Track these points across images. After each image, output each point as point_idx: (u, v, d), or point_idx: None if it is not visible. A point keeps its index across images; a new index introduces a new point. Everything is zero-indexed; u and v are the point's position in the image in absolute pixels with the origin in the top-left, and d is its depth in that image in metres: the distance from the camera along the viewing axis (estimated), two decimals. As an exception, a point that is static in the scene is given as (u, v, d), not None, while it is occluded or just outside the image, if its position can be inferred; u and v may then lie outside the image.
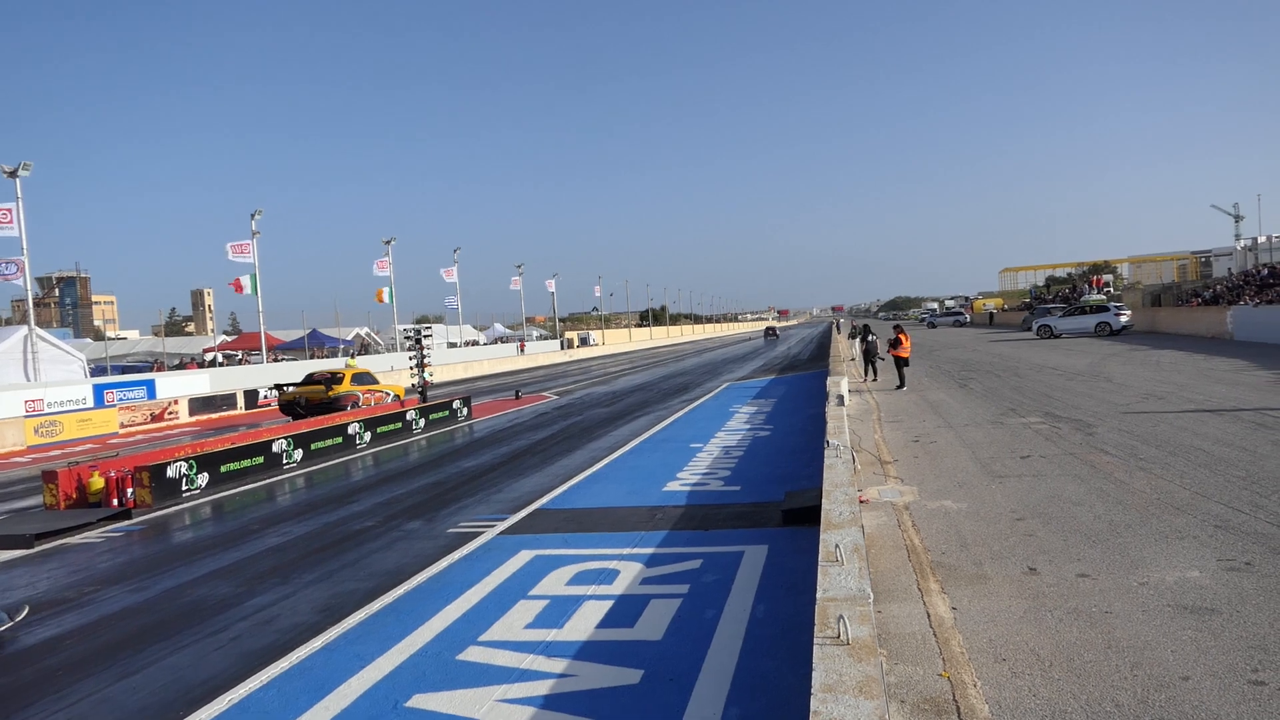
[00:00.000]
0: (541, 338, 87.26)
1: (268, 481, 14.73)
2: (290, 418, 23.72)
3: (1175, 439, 11.68)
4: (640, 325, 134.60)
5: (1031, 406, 16.07)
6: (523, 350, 66.63)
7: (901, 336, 21.82)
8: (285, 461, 15.88)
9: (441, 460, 15.93)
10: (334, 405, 23.36)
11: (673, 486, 11.67)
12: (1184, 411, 14.10)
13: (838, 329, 72.32)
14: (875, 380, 23.63)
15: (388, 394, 24.60)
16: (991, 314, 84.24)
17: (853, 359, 33.50)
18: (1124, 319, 41.09)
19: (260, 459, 15.37)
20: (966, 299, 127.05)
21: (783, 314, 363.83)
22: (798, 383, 28.31)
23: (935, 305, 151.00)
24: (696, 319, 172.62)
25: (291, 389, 24.50)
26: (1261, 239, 52.67)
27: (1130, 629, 5.57)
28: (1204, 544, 7.11)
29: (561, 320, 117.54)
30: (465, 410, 22.62)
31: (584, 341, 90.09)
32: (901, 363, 21.51)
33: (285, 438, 16.17)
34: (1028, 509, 8.58)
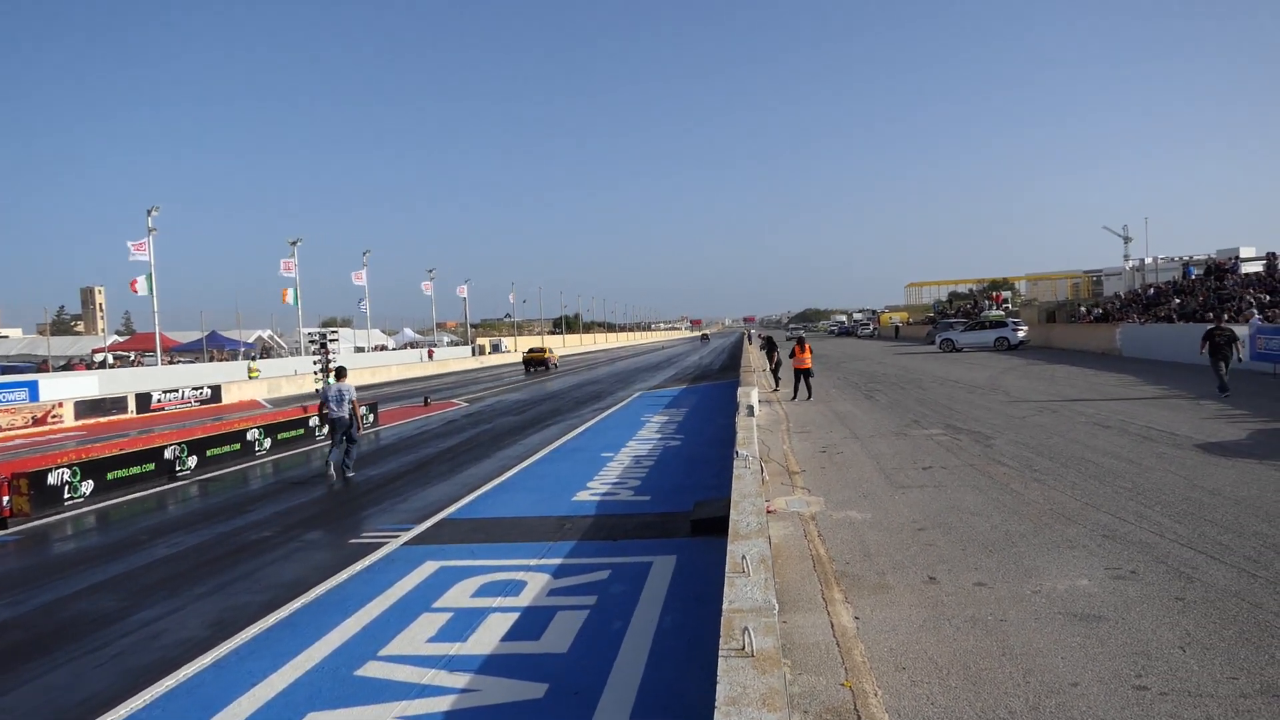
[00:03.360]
0: (453, 343, 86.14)
1: (159, 490, 14.11)
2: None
3: (1067, 451, 12.15)
4: (553, 332, 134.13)
5: (934, 418, 16.54)
6: (431, 356, 65.61)
7: (798, 349, 22.33)
8: (179, 469, 15.24)
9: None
10: None
11: (582, 496, 11.61)
12: (1076, 424, 14.68)
13: (749, 340, 73.49)
14: (781, 390, 24.11)
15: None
16: (898, 327, 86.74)
17: (764, 369, 34.09)
18: (1021, 334, 42.76)
19: (151, 466, 14.71)
20: (874, 312, 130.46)
21: (695, 324, 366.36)
22: (709, 393, 28.56)
23: (844, 318, 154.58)
24: (610, 327, 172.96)
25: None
26: (1148, 260, 55.45)
27: (1024, 636, 5.75)
28: (1093, 553, 7.40)
29: (474, 326, 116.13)
30: (372, 417, 22.12)
31: (496, 348, 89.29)
32: (805, 374, 21.92)
33: (179, 444, 15.53)
34: (929, 519, 8.82)
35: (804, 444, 14.29)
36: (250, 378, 41.14)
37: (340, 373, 15.02)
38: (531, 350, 56.09)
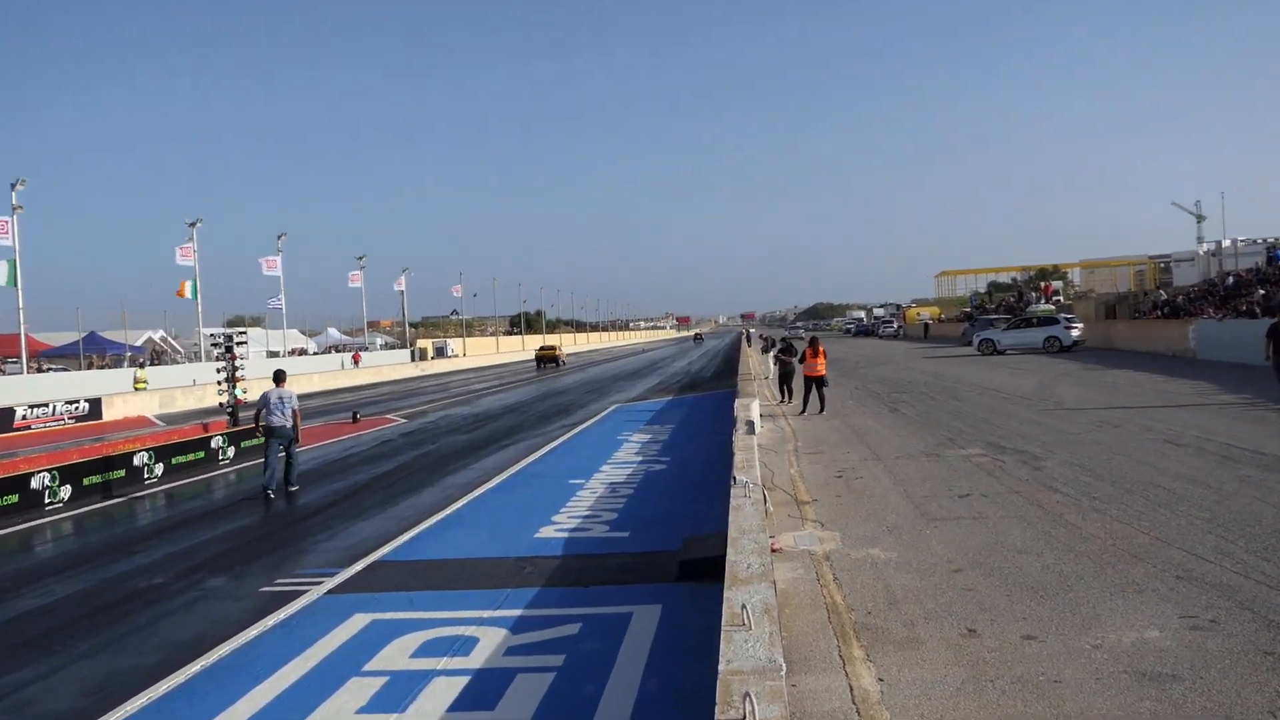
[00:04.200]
0: (388, 346, 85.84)
1: (24, 527, 13.96)
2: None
3: (1133, 474, 12.23)
4: (510, 332, 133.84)
5: (972, 435, 16.64)
6: (358, 362, 65.30)
7: (809, 353, 22.36)
8: (49, 501, 15.09)
9: (256, 499, 15.42)
10: None
11: (547, 532, 11.60)
12: (1143, 441, 14.79)
13: (748, 341, 73.68)
14: (790, 403, 24.19)
15: None
16: (926, 325, 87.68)
17: (766, 378, 34.17)
18: (1075, 333, 43.13)
19: (14, 498, 14.56)
20: (898, 307, 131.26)
21: (683, 321, 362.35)
22: (700, 405, 28.72)
23: (861, 314, 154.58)
24: (579, 326, 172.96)
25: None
26: (1226, 242, 56.05)
27: (1082, 700, 5.76)
28: (1164, 598, 7.43)
29: (413, 326, 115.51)
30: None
31: (440, 352, 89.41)
32: (819, 383, 22.05)
33: (49, 470, 15.37)
34: (967, 558, 8.84)
35: (816, 467, 14.33)
36: (137, 389, 40.82)
37: (279, 376, 16.09)
38: (543, 348, 74.23)
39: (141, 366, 45.78)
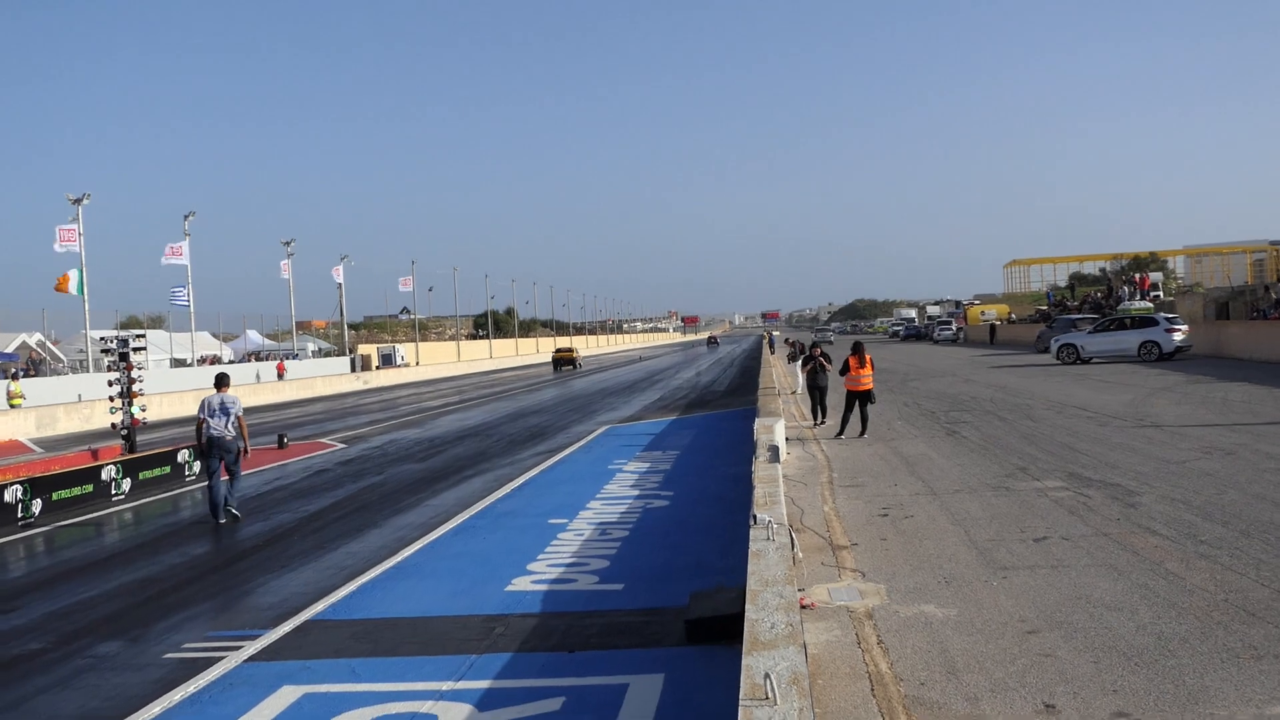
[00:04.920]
0: (322, 353, 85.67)
1: None
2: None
3: (1249, 512, 12.17)
4: (476, 336, 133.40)
5: (1049, 464, 16.60)
6: (282, 374, 65.00)
7: (853, 362, 22.16)
8: (-100, 546, 15.03)
9: (159, 543, 15.40)
10: None
11: (522, 584, 11.56)
12: (1261, 472, 14.72)
13: (770, 346, 73.47)
14: (824, 423, 24.19)
15: None
16: (993, 327, 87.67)
17: (794, 392, 34.14)
18: (1178, 337, 43.04)
19: None
20: (957, 305, 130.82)
21: (689, 322, 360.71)
22: (711, 426, 28.81)
23: (912, 313, 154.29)
24: (560, 328, 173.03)
25: None
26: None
27: (1187, 793, 5.73)
28: (1289, 666, 7.39)
29: (354, 328, 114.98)
30: (198, 465, 21.96)
31: (388, 360, 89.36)
32: (862, 399, 22.00)
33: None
34: (1044, 617, 8.80)
35: (856, 504, 14.31)
36: (11, 406, 40.76)
37: (221, 380, 16.94)
38: (560, 350, 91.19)
39: (14, 378, 45.69)
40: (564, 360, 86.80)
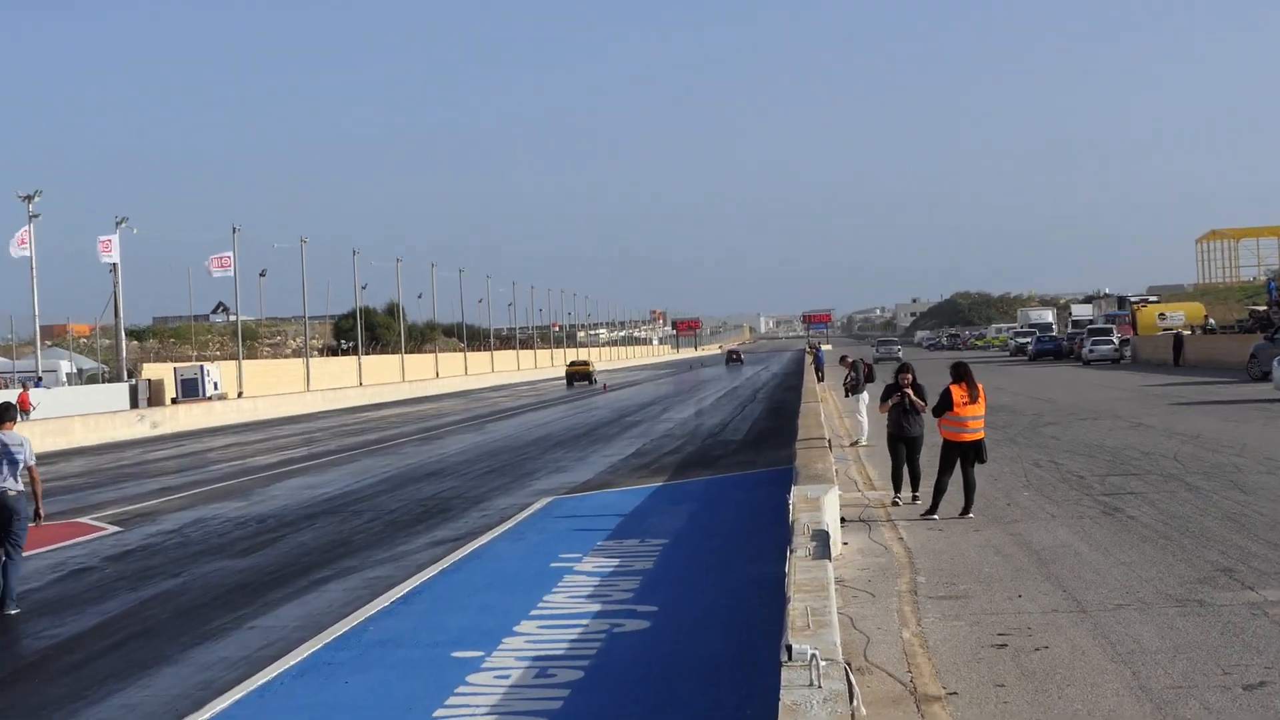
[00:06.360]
0: (86, 376, 68.06)
1: None
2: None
3: None
4: (338, 349, 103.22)
5: (1271, 562, 12.80)
6: (27, 411, 47.69)
7: (957, 393, 16.39)
8: None
9: None
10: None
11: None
12: None
13: (817, 368, 57.14)
14: (917, 499, 18.03)
15: None
16: (1179, 337, 65.45)
17: (854, 443, 26.79)
18: None
19: None
20: (1122, 303, 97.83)
21: (684, 329, 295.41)
22: (718, 498, 22.39)
23: (1048, 315, 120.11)
24: (477, 337, 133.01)
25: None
26: None
27: None
28: None
29: (138, 336, 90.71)
30: None
31: (192, 388, 66.89)
32: (966, 455, 16.42)
33: None
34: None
35: (955, 627, 10.96)
36: None
37: (4, 412, 14.03)
38: (574, 363, 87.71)
39: None
40: (578, 375, 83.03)
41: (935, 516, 16.32)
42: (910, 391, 17.87)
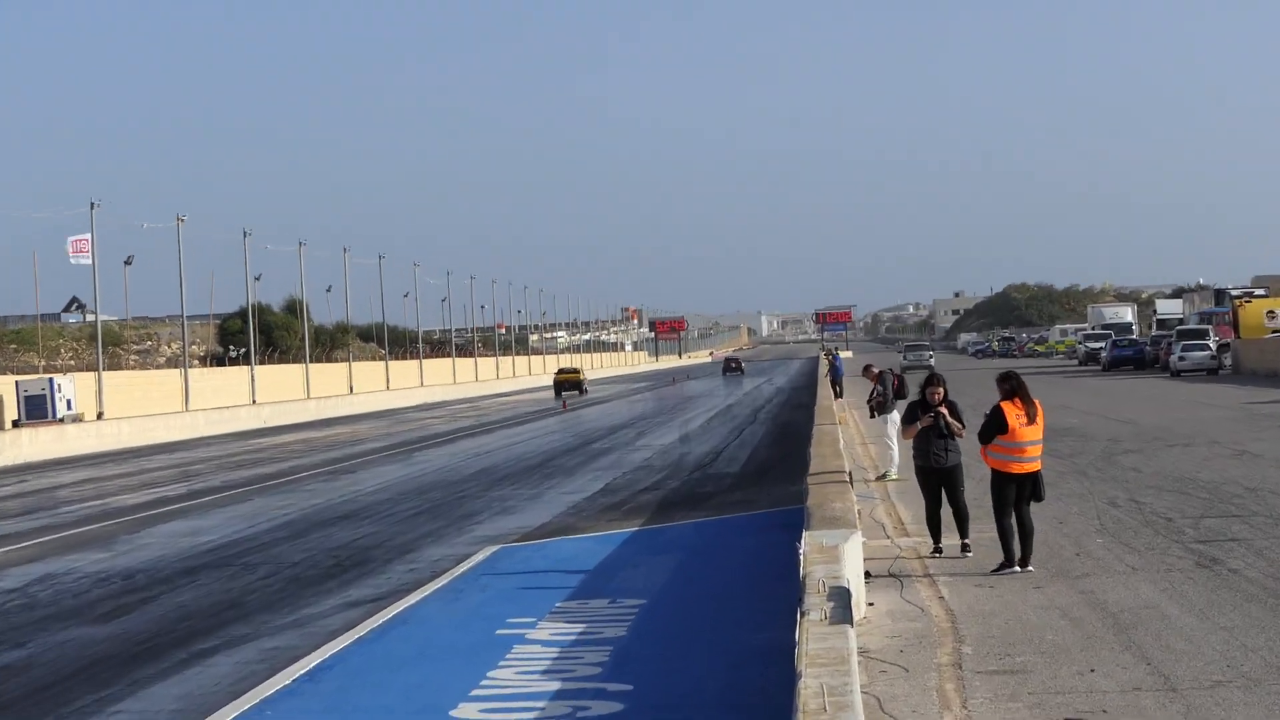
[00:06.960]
0: None
1: None
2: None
3: None
4: (225, 357, 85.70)
5: None
6: None
7: (1011, 411, 13.80)
8: None
9: None
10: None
11: None
12: None
13: (834, 380, 52.60)
14: (967, 550, 15.22)
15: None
16: None
17: (882, 477, 23.96)
18: None
19: None
20: (1219, 297, 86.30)
21: (663, 330, 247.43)
22: (708, 546, 19.47)
23: (1127, 313, 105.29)
24: (395, 343, 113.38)
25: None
26: None
27: None
28: None
29: None
30: None
31: (38, 407, 56.88)
32: (1020, 490, 13.90)
33: None
34: None
35: (1008, 710, 9.58)
36: None
37: None
38: (562, 371, 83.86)
39: None
40: (567, 384, 78.37)
41: (1017, 568, 13.75)
42: (945, 411, 15.19)
